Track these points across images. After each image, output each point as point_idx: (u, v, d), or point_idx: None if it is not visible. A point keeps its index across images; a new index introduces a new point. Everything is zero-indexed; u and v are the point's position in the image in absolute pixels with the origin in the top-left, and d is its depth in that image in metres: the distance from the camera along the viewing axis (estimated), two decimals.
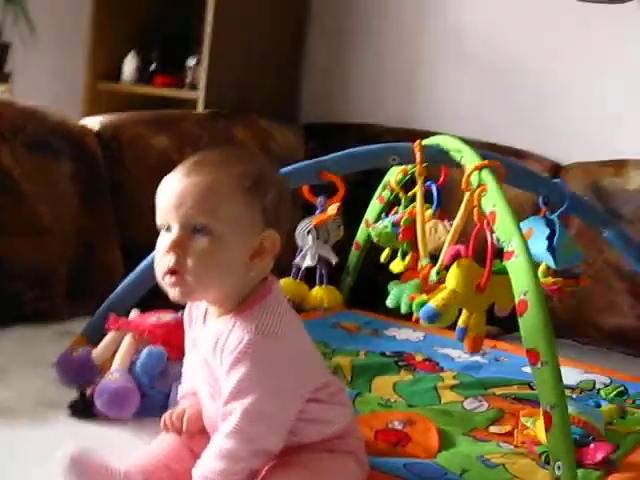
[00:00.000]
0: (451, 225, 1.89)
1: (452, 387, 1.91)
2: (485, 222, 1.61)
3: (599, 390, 1.97)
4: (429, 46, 2.96)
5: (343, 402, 1.41)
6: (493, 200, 1.58)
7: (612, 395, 1.94)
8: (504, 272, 1.62)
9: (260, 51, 2.95)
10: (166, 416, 1.40)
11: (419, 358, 2.09)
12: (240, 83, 2.90)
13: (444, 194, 2.00)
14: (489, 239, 1.59)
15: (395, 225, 2.01)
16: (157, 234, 2.34)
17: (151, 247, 2.32)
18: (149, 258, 1.85)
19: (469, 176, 1.65)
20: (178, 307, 1.84)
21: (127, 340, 1.65)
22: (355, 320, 2.34)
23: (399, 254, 2.03)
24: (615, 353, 2.31)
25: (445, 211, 1.98)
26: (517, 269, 1.47)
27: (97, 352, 1.71)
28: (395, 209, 2.07)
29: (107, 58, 3.05)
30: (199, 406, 1.40)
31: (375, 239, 2.05)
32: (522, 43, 2.79)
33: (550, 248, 1.82)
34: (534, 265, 1.47)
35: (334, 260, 1.82)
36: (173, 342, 1.63)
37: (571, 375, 2.05)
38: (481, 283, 1.61)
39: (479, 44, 2.86)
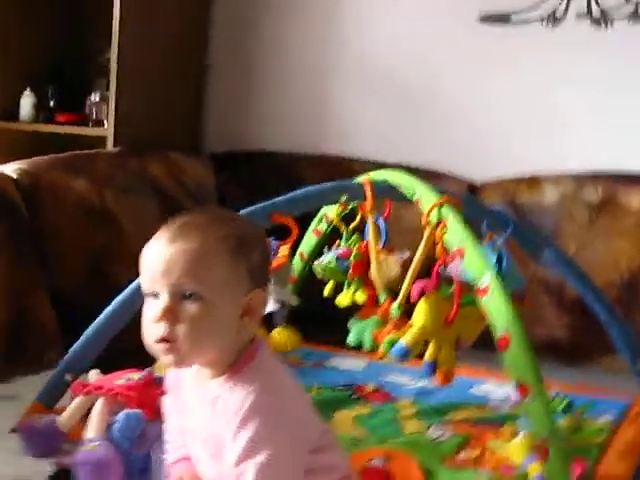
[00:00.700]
0: (401, 258, 1.92)
1: (412, 416, 1.94)
2: (449, 257, 1.64)
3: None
4: (334, 70, 2.98)
5: (340, 446, 1.42)
6: (460, 237, 1.61)
7: (560, 409, 2.01)
8: (467, 304, 1.66)
9: (163, 83, 2.90)
10: None
11: (369, 389, 2.11)
12: (146, 117, 2.84)
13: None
14: (454, 274, 1.62)
15: (339, 259, 2.02)
16: (85, 277, 2.31)
17: (79, 292, 2.29)
18: (102, 317, 1.80)
19: (429, 213, 1.68)
20: (140, 364, 1.81)
21: (99, 405, 1.59)
22: (295, 353, 2.33)
23: (345, 287, 2.04)
24: (547, 363, 2.38)
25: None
26: (494, 305, 1.51)
27: (64, 419, 1.64)
28: (337, 242, 2.07)
29: (2, 97, 2.92)
30: (195, 471, 1.38)
31: (320, 274, 2.05)
32: (424, 65, 2.86)
33: (499, 274, 1.86)
34: (510, 299, 1.51)
35: (295, 302, 1.81)
36: (148, 403, 1.58)
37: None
38: (448, 317, 1.64)
39: (384, 67, 2.91)
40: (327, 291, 2.08)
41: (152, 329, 1.26)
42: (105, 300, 1.98)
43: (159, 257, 1.25)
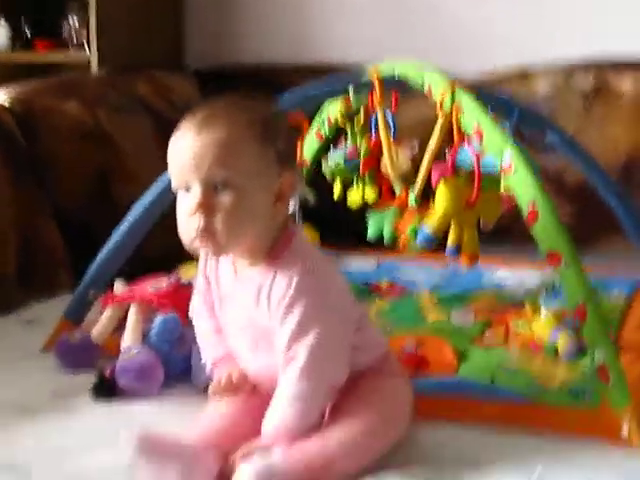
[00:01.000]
0: (412, 152, 1.92)
1: (432, 306, 1.97)
2: (466, 139, 1.65)
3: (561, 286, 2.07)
4: None
5: (376, 326, 1.46)
6: (476, 117, 1.61)
7: None
8: (488, 187, 1.67)
9: (142, 1, 2.85)
10: (213, 385, 1.38)
11: (384, 285, 2.13)
12: (128, 37, 2.79)
13: None
14: (473, 157, 1.62)
15: (347, 159, 2.01)
16: (87, 199, 2.29)
17: (83, 214, 2.27)
18: (121, 229, 1.79)
19: (442, 98, 1.68)
20: (158, 270, 1.81)
21: (133, 313, 1.59)
22: None
23: (354, 185, 2.03)
24: None
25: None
26: (519, 180, 1.51)
27: (97, 332, 1.64)
28: (342, 142, 2.06)
29: None
30: (239, 366, 1.39)
31: (328, 175, 2.04)
32: None
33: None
34: (535, 173, 1.51)
35: (313, 199, 1.81)
36: (181, 307, 1.58)
37: (529, 277, 2.16)
38: (470, 200, 1.65)
39: None
40: (337, 194, 2.07)
41: (188, 223, 1.26)
42: (109, 220, 1.98)
43: (187, 150, 1.25)
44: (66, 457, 1.32)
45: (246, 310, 1.31)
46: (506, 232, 1.98)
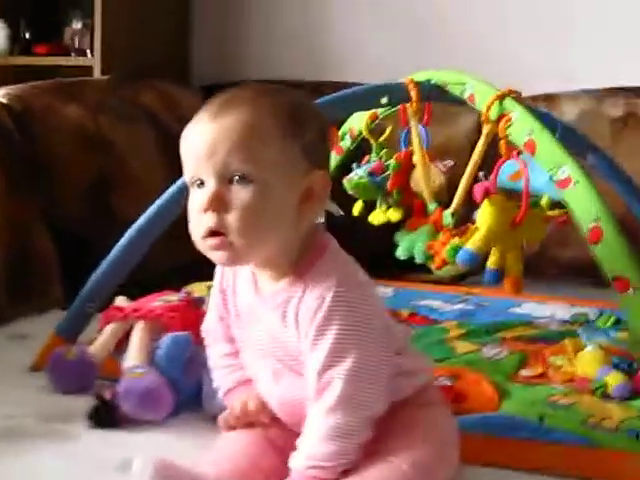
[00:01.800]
0: (445, 166, 1.77)
1: (461, 337, 1.80)
2: (515, 153, 1.50)
3: (595, 321, 1.92)
4: None
5: (418, 350, 1.29)
6: (529, 127, 1.46)
7: (609, 325, 1.90)
8: (532, 206, 1.53)
9: (148, 11, 2.71)
10: (226, 415, 1.21)
11: (405, 314, 1.97)
12: (132, 46, 2.65)
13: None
14: (523, 172, 1.48)
15: (372, 174, 1.86)
16: (84, 206, 2.13)
17: (78, 222, 2.10)
18: (123, 241, 1.61)
19: (489, 107, 1.53)
20: (164, 287, 1.64)
21: (139, 330, 1.41)
22: None
23: (378, 205, 1.88)
24: (578, 284, 2.27)
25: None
26: (580, 196, 1.37)
27: (96, 349, 1.46)
28: (366, 157, 1.91)
29: None
30: (258, 394, 1.21)
31: (350, 191, 1.89)
32: None
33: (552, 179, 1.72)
34: (597, 189, 1.37)
35: (339, 213, 1.65)
36: (192, 325, 1.41)
37: (560, 311, 2.01)
38: (516, 219, 1.50)
39: None
40: (357, 210, 1.91)
41: (199, 221, 1.08)
42: (106, 232, 1.82)
43: (201, 138, 1.08)
44: None
45: (270, 331, 1.14)
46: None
